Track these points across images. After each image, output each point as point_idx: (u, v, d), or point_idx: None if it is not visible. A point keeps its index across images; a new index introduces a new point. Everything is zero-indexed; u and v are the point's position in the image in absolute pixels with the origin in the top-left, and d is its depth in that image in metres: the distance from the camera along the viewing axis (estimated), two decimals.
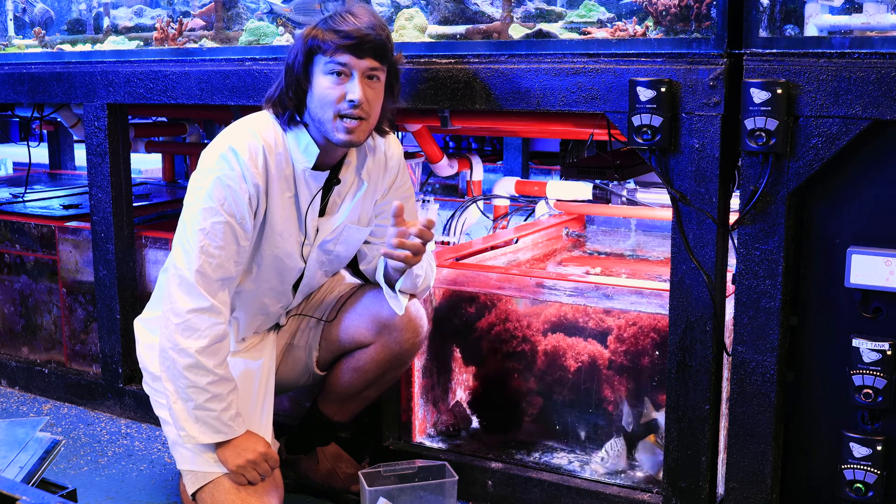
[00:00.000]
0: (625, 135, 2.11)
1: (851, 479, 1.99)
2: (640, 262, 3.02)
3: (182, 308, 2.11)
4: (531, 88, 2.23)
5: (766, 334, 2.02)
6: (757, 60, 1.95)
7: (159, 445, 2.83)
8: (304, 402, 2.73)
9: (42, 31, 3.24)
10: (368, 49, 2.06)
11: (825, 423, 2.05)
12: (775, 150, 1.93)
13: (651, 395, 2.36)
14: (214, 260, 2.11)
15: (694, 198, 2.06)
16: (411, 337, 2.32)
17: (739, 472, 2.09)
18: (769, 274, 2.00)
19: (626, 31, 2.17)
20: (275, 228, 2.20)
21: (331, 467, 2.49)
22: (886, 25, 1.89)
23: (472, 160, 3.58)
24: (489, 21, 2.41)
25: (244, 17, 2.79)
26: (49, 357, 3.33)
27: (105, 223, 2.97)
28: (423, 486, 2.29)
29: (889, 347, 1.91)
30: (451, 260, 2.69)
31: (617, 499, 2.28)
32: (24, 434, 2.32)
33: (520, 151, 5.80)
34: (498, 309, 2.53)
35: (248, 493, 2.18)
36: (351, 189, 2.29)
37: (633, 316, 2.36)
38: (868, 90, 1.85)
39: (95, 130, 2.95)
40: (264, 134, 2.15)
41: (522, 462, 2.45)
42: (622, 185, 3.23)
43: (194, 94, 2.74)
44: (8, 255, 3.36)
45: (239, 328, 2.36)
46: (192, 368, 2.10)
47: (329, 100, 2.08)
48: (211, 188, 2.11)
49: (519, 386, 2.52)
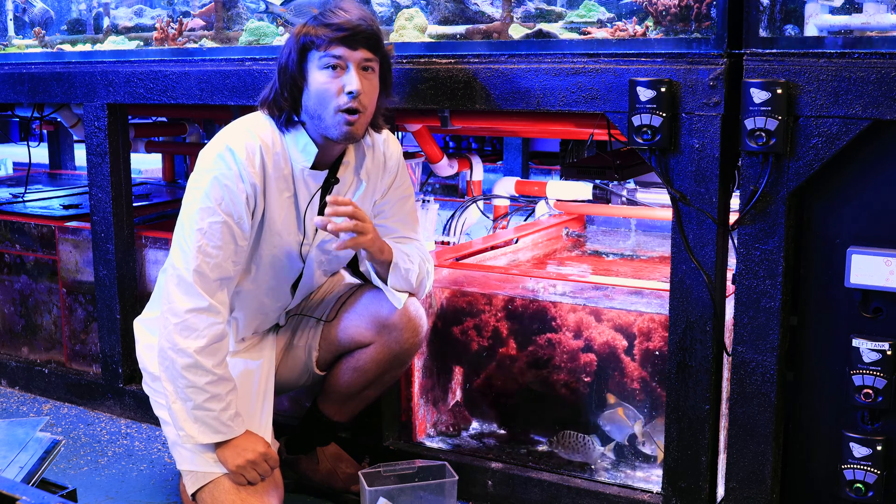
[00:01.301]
0: (625, 135, 2.11)
1: (851, 479, 1.99)
2: (640, 262, 3.02)
3: (180, 308, 2.11)
4: (531, 88, 2.23)
5: (766, 334, 2.02)
6: (757, 60, 1.95)
7: (159, 445, 2.83)
8: (304, 402, 2.73)
9: (42, 31, 3.24)
10: (361, 40, 2.07)
11: (825, 423, 2.05)
12: (775, 150, 1.93)
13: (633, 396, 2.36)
14: (212, 260, 2.11)
15: (694, 198, 2.06)
16: (411, 336, 2.32)
17: (739, 472, 2.09)
18: (769, 274, 2.00)
19: (626, 31, 2.17)
20: (273, 228, 2.20)
21: (331, 467, 2.49)
22: (886, 25, 1.89)
23: (472, 160, 3.58)
24: (489, 21, 2.41)
25: (244, 17, 2.79)
26: (49, 357, 3.33)
27: (105, 223, 2.97)
28: (423, 486, 2.29)
29: (889, 347, 1.91)
30: (451, 260, 2.69)
31: (617, 499, 2.27)
32: (24, 434, 2.32)
33: (520, 151, 5.79)
34: (498, 309, 2.53)
35: (248, 493, 2.18)
36: (350, 189, 2.28)
37: (631, 315, 2.36)
38: (868, 90, 1.85)
39: (95, 130, 2.95)
40: (262, 134, 2.15)
41: (522, 462, 2.45)
42: (622, 185, 3.23)
43: (194, 94, 2.74)
44: (8, 255, 3.36)
45: (238, 328, 2.36)
46: (190, 368, 2.10)
47: (328, 94, 2.08)
48: (208, 188, 2.11)
49: (518, 385, 2.52)
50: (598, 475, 2.37)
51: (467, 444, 2.58)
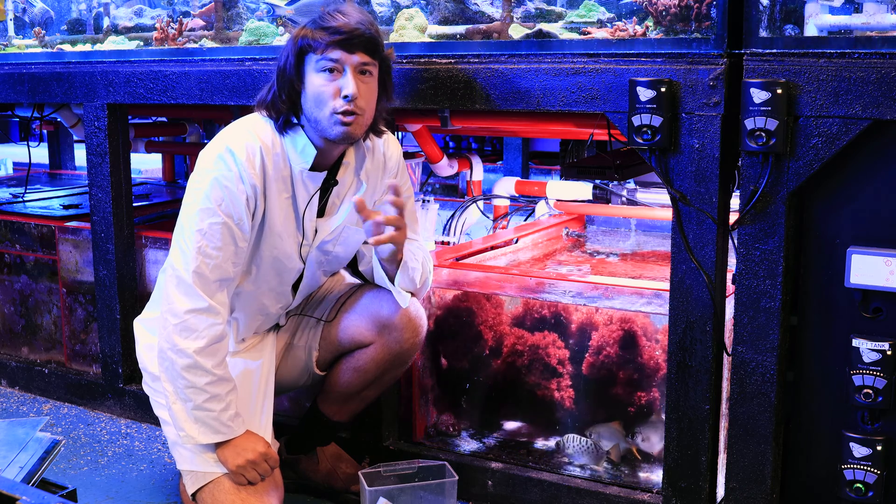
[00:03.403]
0: (625, 135, 2.11)
1: (851, 479, 1.99)
2: (640, 262, 3.02)
3: (180, 309, 2.11)
4: (531, 88, 2.23)
5: (766, 334, 2.02)
6: (757, 60, 1.95)
7: (159, 445, 2.83)
8: (304, 402, 2.73)
9: (42, 31, 3.24)
10: (359, 43, 2.07)
11: (825, 423, 2.05)
12: (775, 150, 1.93)
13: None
14: (212, 261, 2.11)
15: (694, 198, 2.06)
16: (411, 336, 2.32)
17: (739, 472, 2.09)
18: (769, 274, 2.00)
19: (626, 31, 2.17)
20: (273, 229, 2.20)
21: (331, 467, 2.49)
22: (886, 25, 1.89)
23: (472, 160, 3.58)
24: (489, 21, 2.41)
25: (244, 17, 2.79)
26: (49, 357, 3.33)
27: (105, 223, 2.97)
28: (423, 486, 2.29)
29: (889, 347, 1.91)
30: (451, 260, 2.69)
31: (617, 499, 2.28)
32: (24, 434, 2.32)
33: (520, 151, 5.79)
34: (497, 309, 2.53)
35: (248, 493, 2.18)
36: (350, 190, 2.28)
37: (629, 315, 2.36)
38: (868, 90, 1.85)
39: (95, 130, 2.95)
40: (262, 135, 2.16)
41: (522, 462, 2.45)
42: (622, 185, 3.23)
43: (194, 94, 2.74)
44: (8, 255, 3.36)
45: (238, 329, 2.36)
46: (190, 369, 2.10)
47: (324, 97, 2.08)
48: (208, 189, 2.11)
49: (517, 385, 2.52)
50: (599, 475, 2.37)
51: (467, 444, 2.58)
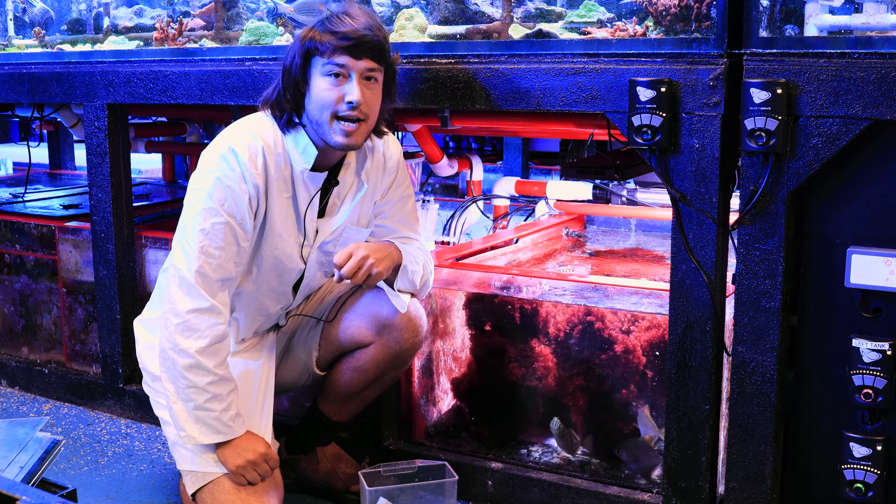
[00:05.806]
0: (625, 135, 2.11)
1: (851, 479, 1.99)
2: (640, 262, 3.02)
3: (182, 308, 2.11)
4: (531, 88, 2.23)
5: (766, 334, 2.02)
6: (757, 60, 1.95)
7: (159, 445, 2.83)
8: (304, 402, 2.73)
9: (42, 31, 3.24)
10: (366, 50, 2.06)
11: (825, 423, 2.05)
12: (775, 150, 1.93)
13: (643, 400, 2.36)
14: (214, 260, 2.11)
15: (694, 198, 2.06)
16: (411, 336, 2.32)
17: (739, 472, 2.09)
18: (769, 274, 2.00)
19: (626, 31, 2.17)
20: (274, 229, 2.20)
21: (331, 467, 2.49)
22: (886, 25, 1.89)
23: (472, 160, 3.58)
24: (489, 21, 2.41)
25: (244, 17, 2.79)
26: (49, 357, 3.33)
27: (105, 223, 2.97)
28: (423, 486, 2.29)
29: (889, 347, 1.91)
30: (451, 260, 2.69)
31: (617, 499, 2.28)
32: (24, 434, 2.32)
33: (520, 151, 5.79)
34: (497, 309, 2.53)
35: (248, 494, 2.18)
36: (351, 190, 2.29)
37: (628, 316, 2.36)
38: (868, 90, 1.85)
39: (95, 130, 2.95)
40: (264, 134, 2.16)
41: (522, 462, 2.45)
42: (622, 185, 3.23)
43: (194, 94, 2.74)
44: (8, 255, 3.36)
45: (239, 329, 2.36)
46: (191, 369, 2.10)
47: (327, 102, 2.08)
48: (211, 189, 2.11)
49: (516, 385, 2.52)
50: (598, 475, 2.37)
51: (467, 444, 2.58)
